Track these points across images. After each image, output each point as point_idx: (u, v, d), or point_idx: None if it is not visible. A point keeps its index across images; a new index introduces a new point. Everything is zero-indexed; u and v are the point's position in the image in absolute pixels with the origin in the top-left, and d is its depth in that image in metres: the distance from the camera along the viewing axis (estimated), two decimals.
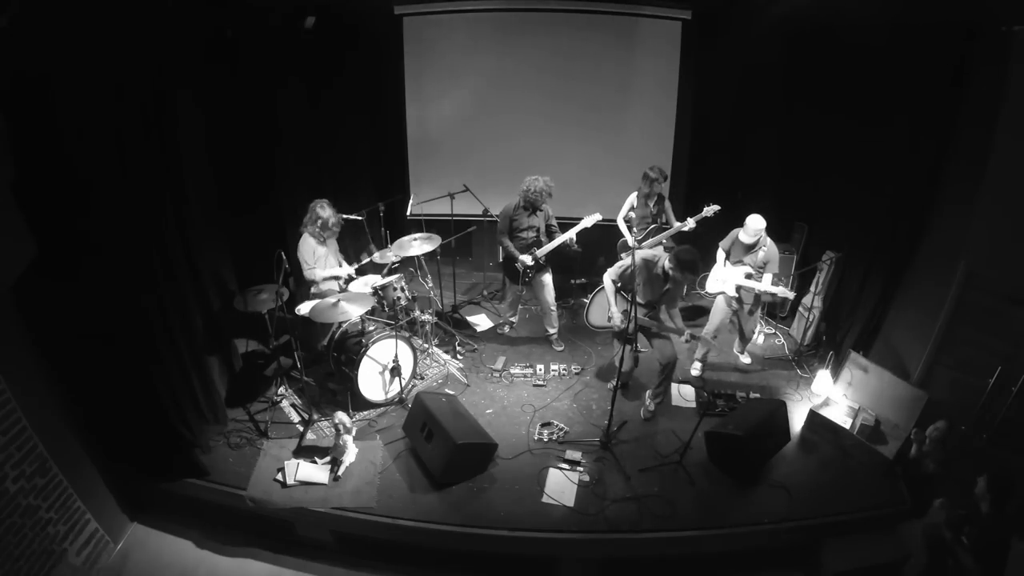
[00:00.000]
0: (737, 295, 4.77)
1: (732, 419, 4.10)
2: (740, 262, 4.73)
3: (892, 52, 4.28)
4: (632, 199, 5.26)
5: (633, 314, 3.89)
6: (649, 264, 4.15)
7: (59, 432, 3.48)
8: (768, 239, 4.62)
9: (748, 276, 4.67)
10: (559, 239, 4.88)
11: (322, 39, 5.28)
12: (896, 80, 4.32)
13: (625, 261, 4.27)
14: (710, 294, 4.96)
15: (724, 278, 4.78)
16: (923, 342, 4.22)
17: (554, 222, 4.97)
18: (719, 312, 4.85)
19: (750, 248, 4.66)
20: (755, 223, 4.56)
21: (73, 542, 3.52)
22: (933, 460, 3.64)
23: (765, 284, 4.62)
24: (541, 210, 4.89)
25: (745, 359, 5.15)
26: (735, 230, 4.76)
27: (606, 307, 4.29)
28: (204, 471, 3.93)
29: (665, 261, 4.05)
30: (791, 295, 4.72)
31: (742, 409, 4.41)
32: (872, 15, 4.27)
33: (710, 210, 5.16)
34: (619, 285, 4.30)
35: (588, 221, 4.82)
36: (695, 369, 4.98)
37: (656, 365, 4.40)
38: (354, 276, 4.78)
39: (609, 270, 4.35)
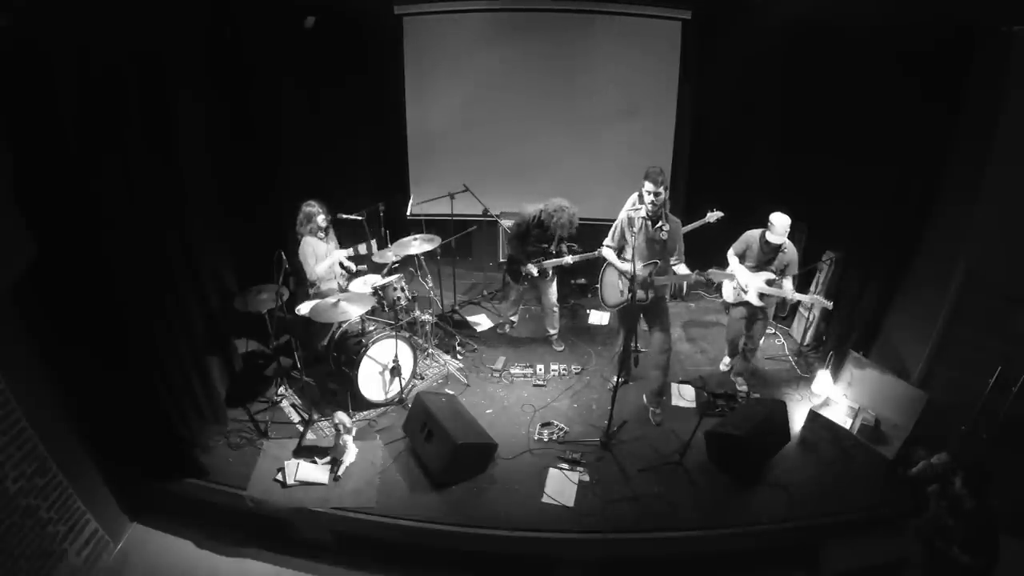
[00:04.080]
0: (762, 304, 4.42)
1: (732, 419, 4.10)
2: (759, 267, 4.39)
3: (892, 52, 4.28)
4: (634, 198, 5.25)
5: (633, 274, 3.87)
6: (635, 217, 4.03)
7: (59, 432, 3.48)
8: (787, 240, 4.29)
9: (770, 283, 4.34)
10: (563, 260, 4.88)
11: (322, 39, 5.28)
12: (897, 80, 4.31)
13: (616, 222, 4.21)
14: (729, 304, 4.71)
15: (746, 285, 4.39)
16: (923, 342, 4.21)
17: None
18: (735, 325, 4.63)
19: (776, 250, 4.29)
20: (783, 221, 4.19)
21: (73, 542, 3.52)
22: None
23: (788, 291, 4.36)
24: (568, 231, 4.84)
25: (742, 386, 4.76)
26: (751, 232, 4.46)
27: (615, 283, 4.25)
28: (204, 471, 3.93)
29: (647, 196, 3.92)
30: (829, 304, 4.36)
31: (742, 409, 4.40)
32: (872, 15, 4.26)
33: (713, 216, 5.11)
34: (615, 248, 4.25)
35: (598, 254, 4.71)
36: (723, 365, 5.01)
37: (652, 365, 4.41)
38: (351, 258, 4.78)
39: (605, 241, 4.33)
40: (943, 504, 3.23)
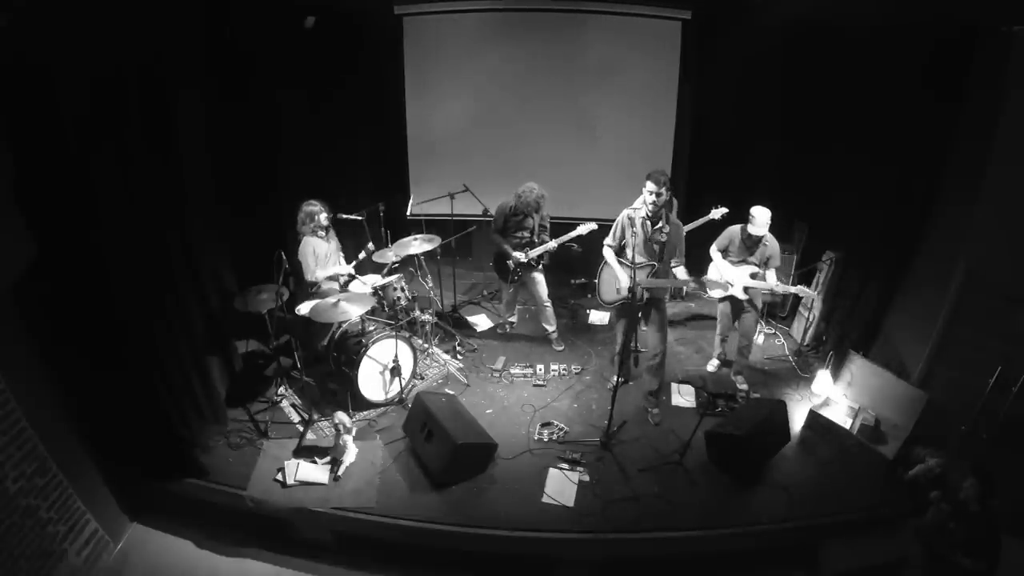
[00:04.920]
0: (748, 297, 4.54)
1: (732, 419, 4.10)
2: (743, 261, 4.52)
3: (893, 52, 4.28)
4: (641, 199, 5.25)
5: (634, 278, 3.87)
6: (635, 217, 4.03)
7: (59, 432, 3.48)
8: (768, 233, 4.42)
9: (753, 275, 4.48)
10: (548, 244, 4.89)
11: (322, 39, 5.28)
12: (897, 80, 4.31)
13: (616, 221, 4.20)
14: (714, 299, 4.79)
15: (731, 280, 4.53)
16: (923, 342, 4.21)
17: (547, 223, 4.97)
18: (724, 320, 4.77)
19: (757, 242, 4.41)
20: (764, 214, 4.31)
21: (73, 542, 3.51)
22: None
23: (772, 282, 4.44)
24: (537, 211, 4.89)
25: (742, 386, 4.76)
26: (732, 228, 4.58)
27: (612, 280, 4.25)
28: (204, 471, 3.93)
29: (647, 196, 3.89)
30: (813, 293, 4.44)
31: (742, 409, 4.41)
32: (872, 15, 4.27)
33: (718, 212, 5.10)
34: (615, 248, 4.23)
35: (582, 229, 4.82)
36: (711, 366, 5.01)
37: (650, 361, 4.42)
38: (353, 274, 4.78)
39: (606, 240, 4.31)
40: (945, 508, 3.23)
